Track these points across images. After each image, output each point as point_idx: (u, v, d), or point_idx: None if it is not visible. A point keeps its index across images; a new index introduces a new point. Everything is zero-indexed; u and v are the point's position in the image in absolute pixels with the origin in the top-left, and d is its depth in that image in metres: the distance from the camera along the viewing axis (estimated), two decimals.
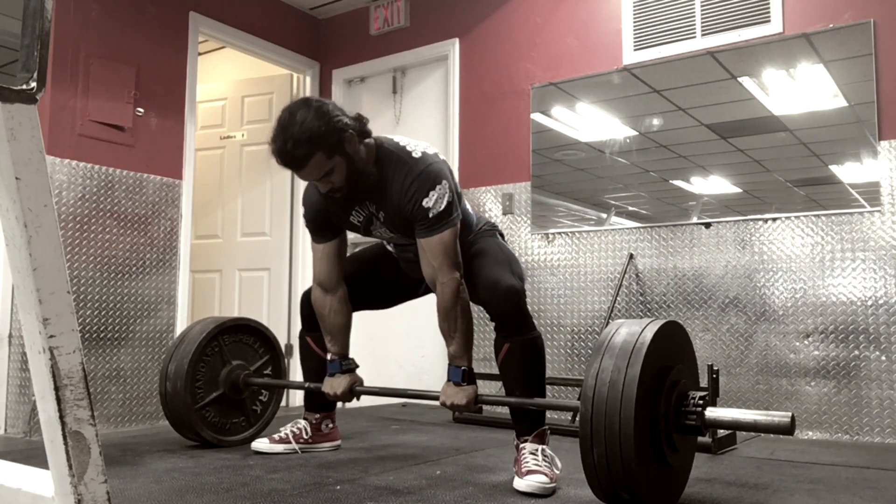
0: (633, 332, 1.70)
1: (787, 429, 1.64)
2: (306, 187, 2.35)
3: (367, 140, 2.15)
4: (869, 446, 2.82)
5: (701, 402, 1.74)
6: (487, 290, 2.13)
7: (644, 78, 3.59)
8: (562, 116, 3.90)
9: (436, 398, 2.17)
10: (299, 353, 2.61)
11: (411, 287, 2.49)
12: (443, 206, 2.09)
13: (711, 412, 1.74)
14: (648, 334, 1.67)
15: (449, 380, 2.13)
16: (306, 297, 2.51)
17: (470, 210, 2.40)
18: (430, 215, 2.09)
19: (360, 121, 2.14)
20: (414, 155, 2.14)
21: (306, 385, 2.49)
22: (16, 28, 0.87)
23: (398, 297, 2.56)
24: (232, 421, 2.69)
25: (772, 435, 3.08)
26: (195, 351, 2.54)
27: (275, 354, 2.81)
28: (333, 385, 2.34)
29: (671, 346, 1.77)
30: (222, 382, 2.63)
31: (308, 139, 1.99)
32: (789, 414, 1.66)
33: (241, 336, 2.73)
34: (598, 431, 1.60)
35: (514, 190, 3.93)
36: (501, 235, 2.46)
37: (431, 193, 2.09)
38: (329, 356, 2.38)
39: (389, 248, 2.45)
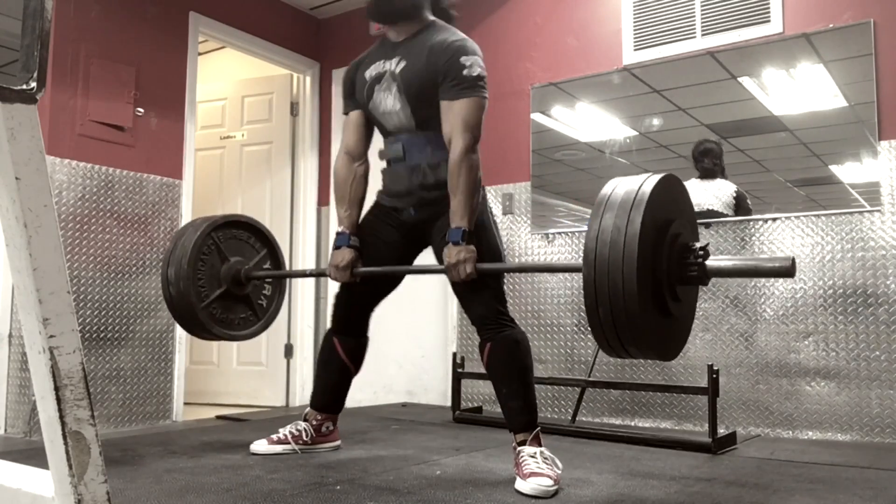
0: (632, 187, 1.70)
1: (788, 271, 1.65)
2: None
3: (435, 9, 2.35)
4: (869, 446, 2.82)
5: (701, 252, 1.74)
6: (465, 293, 2.19)
7: (644, 78, 3.59)
8: (562, 116, 3.90)
9: (439, 270, 2.19)
10: (320, 356, 2.57)
11: (409, 247, 2.42)
12: (476, 72, 2.20)
13: (712, 261, 1.75)
14: (647, 189, 1.67)
15: (448, 241, 2.14)
16: (345, 298, 2.47)
17: None
18: (465, 73, 2.18)
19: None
20: (461, 35, 2.27)
21: (307, 271, 2.50)
22: (16, 28, 0.87)
23: (405, 256, 2.46)
24: (240, 316, 2.71)
25: (771, 434, 3.08)
26: (192, 250, 2.54)
27: (271, 248, 2.82)
28: (337, 257, 2.36)
29: (670, 199, 1.77)
30: (224, 278, 2.65)
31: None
32: (790, 257, 1.67)
33: (236, 232, 2.73)
34: (602, 287, 1.61)
35: (514, 190, 3.93)
36: (485, 198, 2.41)
37: (472, 57, 2.20)
38: (340, 228, 2.40)
39: (380, 153, 2.43)
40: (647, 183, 1.69)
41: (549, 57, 3.89)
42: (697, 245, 1.77)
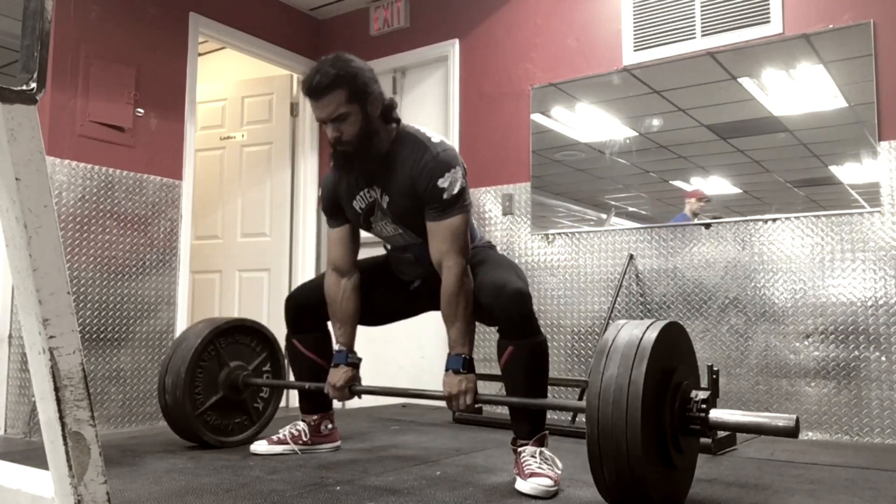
0: (636, 334, 1.70)
1: (792, 432, 1.64)
2: (325, 174, 2.41)
3: (390, 123, 2.21)
4: (869, 447, 2.82)
5: (704, 404, 1.74)
6: (494, 291, 2.09)
7: (644, 78, 3.59)
8: (562, 117, 3.90)
9: (438, 397, 2.15)
10: (287, 358, 2.60)
11: (410, 302, 2.47)
12: (456, 190, 2.12)
13: (715, 414, 1.74)
14: (651, 336, 1.67)
15: (448, 368, 2.11)
16: (292, 299, 2.52)
17: (474, 224, 2.44)
18: (444, 197, 2.10)
19: (391, 102, 2.22)
20: (433, 140, 2.18)
21: (306, 385, 2.48)
22: (16, 29, 0.87)
23: (396, 312, 2.54)
24: (234, 421, 2.69)
25: None
26: (191, 359, 2.53)
27: (272, 351, 2.81)
28: (335, 376, 2.34)
29: (673, 347, 1.77)
30: (221, 385, 2.63)
31: (336, 75, 2.10)
32: (794, 417, 1.65)
33: (238, 337, 2.72)
34: (606, 435, 1.60)
35: (514, 190, 3.93)
36: (494, 248, 2.49)
37: (447, 175, 2.11)
38: (336, 346, 2.38)
39: (387, 248, 2.46)
40: (649, 331, 1.69)
41: (549, 57, 3.89)
42: (700, 396, 1.76)
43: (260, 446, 2.49)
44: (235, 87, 4.87)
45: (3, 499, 0.99)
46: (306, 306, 2.49)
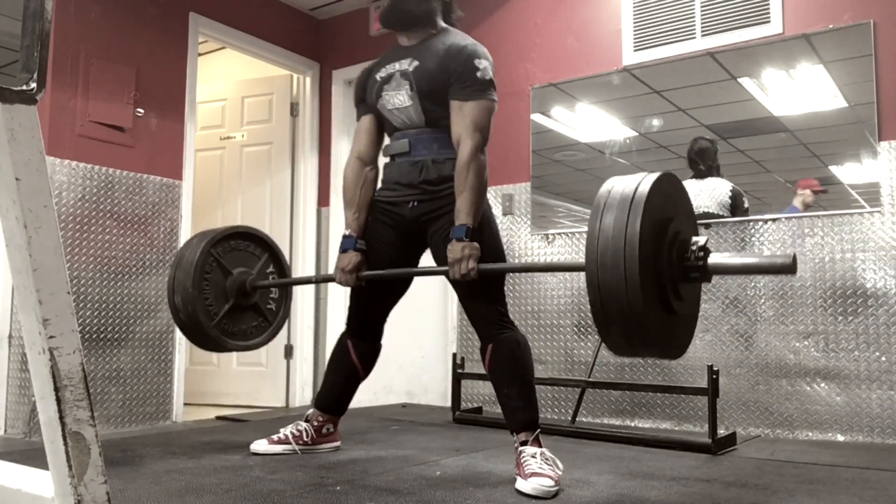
0: (630, 187, 1.71)
1: (790, 267, 1.65)
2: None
3: (446, 15, 2.38)
4: (869, 447, 2.82)
5: (702, 251, 1.75)
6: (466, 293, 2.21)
7: (644, 78, 3.59)
8: (562, 117, 3.90)
9: (440, 271, 2.20)
10: (332, 357, 2.56)
11: (414, 240, 2.39)
12: (488, 76, 2.22)
13: (714, 258, 1.75)
14: (645, 188, 1.68)
15: (452, 237, 2.14)
16: (363, 304, 2.48)
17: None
18: (478, 76, 2.19)
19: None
20: (474, 40, 2.29)
21: (313, 278, 2.53)
22: (16, 29, 0.88)
23: (407, 259, 2.44)
24: (251, 325, 2.74)
25: (771, 435, 3.08)
26: (194, 273, 2.55)
27: (272, 253, 2.83)
28: (343, 260, 2.37)
29: (668, 197, 1.77)
30: (230, 293, 2.67)
31: None
32: (791, 254, 1.67)
33: (234, 243, 2.73)
34: (607, 287, 1.61)
35: (514, 191, 3.93)
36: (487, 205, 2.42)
37: (484, 61, 2.22)
38: (347, 232, 2.40)
39: (384, 150, 2.45)
40: (643, 183, 1.69)
41: (549, 57, 3.89)
42: (698, 242, 1.77)
43: (260, 446, 2.49)
44: (235, 87, 4.87)
45: (3, 499, 0.99)
46: (375, 315, 2.49)
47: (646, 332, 1.60)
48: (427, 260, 2.44)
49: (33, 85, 0.86)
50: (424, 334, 4.21)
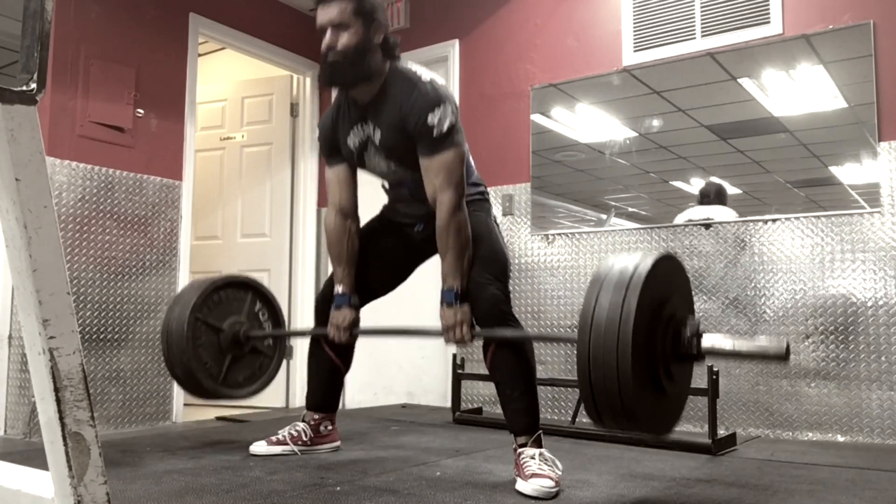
0: (629, 266, 1.70)
1: (782, 357, 1.65)
2: (323, 116, 2.45)
3: (387, 56, 2.24)
4: (869, 447, 2.82)
5: (697, 331, 1.74)
6: (472, 293, 2.16)
7: (644, 79, 3.59)
8: (562, 117, 3.90)
9: (435, 332, 2.19)
10: (309, 356, 2.58)
11: (417, 250, 2.43)
12: (446, 126, 2.12)
13: (707, 342, 1.75)
14: (644, 268, 1.67)
15: (442, 303, 2.14)
16: (322, 295, 2.50)
17: (471, 161, 2.43)
18: (434, 134, 2.11)
19: (395, 40, 2.27)
20: (423, 77, 2.19)
21: (309, 331, 2.53)
22: (16, 29, 0.87)
23: (408, 265, 2.50)
24: (256, 366, 2.76)
25: (771, 436, 3.08)
26: (188, 348, 2.54)
27: (252, 288, 2.81)
28: (338, 317, 2.36)
29: (667, 277, 1.77)
30: (226, 349, 2.67)
31: None
32: (784, 341, 1.67)
33: (215, 298, 2.71)
34: (598, 363, 1.61)
35: (514, 191, 3.93)
36: (487, 200, 2.45)
37: (436, 110, 2.11)
38: (339, 289, 2.39)
39: (384, 188, 2.45)
40: (644, 262, 1.69)
41: (549, 58, 3.89)
42: (693, 323, 1.77)
43: (259, 447, 2.49)
44: (235, 88, 4.87)
45: (3, 499, 0.99)
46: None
47: (633, 410, 1.59)
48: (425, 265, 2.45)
49: (33, 85, 0.86)
50: None
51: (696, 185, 3.51)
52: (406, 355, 4.28)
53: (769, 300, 3.19)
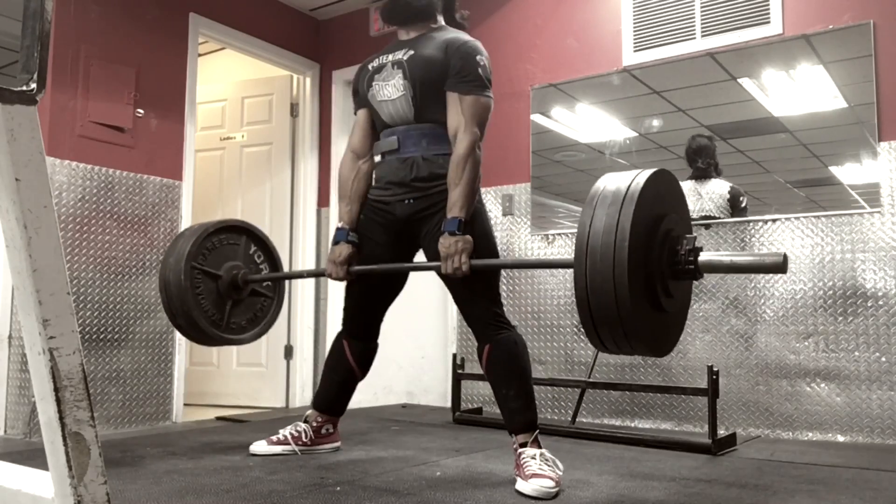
0: (624, 182, 1.69)
1: (780, 266, 1.64)
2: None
3: (447, 13, 2.42)
4: (869, 447, 2.82)
5: (693, 248, 1.74)
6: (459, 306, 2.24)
7: (644, 79, 3.59)
8: (562, 117, 3.90)
9: (432, 267, 2.19)
10: (328, 357, 2.57)
11: (410, 237, 2.37)
12: (488, 74, 2.25)
13: (705, 257, 1.74)
14: (639, 183, 1.66)
15: (444, 231, 2.13)
16: (356, 303, 2.48)
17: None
18: (479, 71, 2.22)
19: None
20: (475, 39, 2.32)
21: (304, 272, 2.55)
22: (16, 29, 0.88)
23: (406, 252, 2.45)
24: (258, 308, 2.79)
25: (771, 435, 3.08)
26: (190, 297, 2.55)
27: (247, 232, 2.80)
28: (335, 252, 2.37)
29: (662, 194, 1.76)
30: (226, 295, 2.68)
31: None
32: (781, 252, 1.66)
33: (209, 242, 2.69)
34: (594, 281, 1.60)
35: (514, 191, 3.93)
36: (481, 201, 2.40)
37: (485, 59, 2.26)
38: (339, 224, 2.42)
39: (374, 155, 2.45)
40: (638, 178, 1.68)
41: (549, 58, 3.89)
42: (690, 240, 1.76)
43: (260, 447, 2.49)
44: (235, 88, 4.87)
45: (3, 499, 0.99)
46: (370, 314, 2.49)
47: (633, 329, 1.57)
48: (420, 260, 2.44)
49: (33, 85, 0.86)
50: (424, 335, 4.20)
51: (690, 187, 3.50)
52: (406, 355, 4.28)
53: (769, 300, 3.19)
